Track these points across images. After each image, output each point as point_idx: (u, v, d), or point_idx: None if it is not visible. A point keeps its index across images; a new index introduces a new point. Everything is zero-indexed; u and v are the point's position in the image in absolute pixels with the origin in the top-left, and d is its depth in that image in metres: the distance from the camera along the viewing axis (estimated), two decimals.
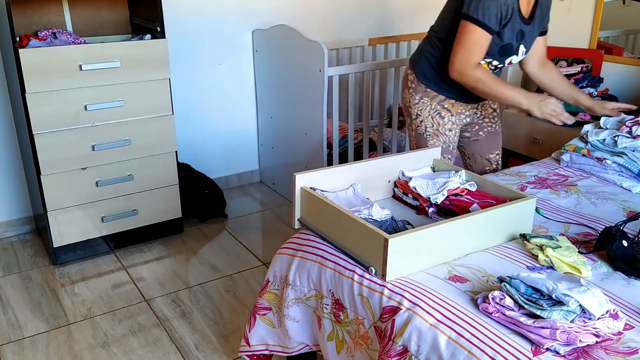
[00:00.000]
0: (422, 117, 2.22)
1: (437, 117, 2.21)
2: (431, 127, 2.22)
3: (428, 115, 2.21)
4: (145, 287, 2.58)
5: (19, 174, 3.01)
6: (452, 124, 2.24)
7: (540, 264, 1.54)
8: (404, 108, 2.30)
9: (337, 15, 3.71)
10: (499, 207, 1.64)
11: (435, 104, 2.20)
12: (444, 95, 2.19)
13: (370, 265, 1.52)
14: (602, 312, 1.24)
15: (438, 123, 2.22)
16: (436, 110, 2.21)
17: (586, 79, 3.05)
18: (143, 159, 2.78)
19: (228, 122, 3.55)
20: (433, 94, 2.19)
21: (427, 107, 2.20)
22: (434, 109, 2.20)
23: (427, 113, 2.21)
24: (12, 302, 2.47)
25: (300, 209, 1.79)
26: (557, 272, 1.45)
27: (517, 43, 2.06)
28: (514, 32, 2.02)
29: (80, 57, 2.47)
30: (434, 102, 2.20)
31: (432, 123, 2.22)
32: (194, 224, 3.19)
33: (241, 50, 3.45)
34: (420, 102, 2.20)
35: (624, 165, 2.17)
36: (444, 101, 2.20)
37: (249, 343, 1.85)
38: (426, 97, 2.19)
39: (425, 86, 2.18)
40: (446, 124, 2.23)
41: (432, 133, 2.23)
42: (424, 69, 2.17)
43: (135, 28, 2.97)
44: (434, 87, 2.18)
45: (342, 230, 1.62)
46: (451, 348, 1.27)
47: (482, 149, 2.40)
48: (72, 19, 2.83)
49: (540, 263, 1.54)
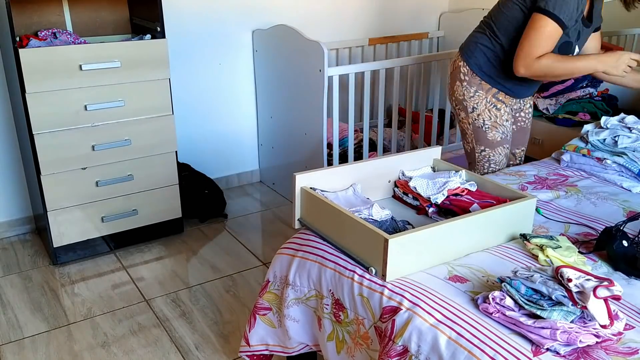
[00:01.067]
0: (479, 110, 2.23)
1: (493, 110, 2.23)
2: (489, 119, 2.24)
3: (485, 108, 2.22)
4: (145, 287, 2.58)
5: (19, 174, 3.01)
6: (507, 114, 2.27)
7: (540, 264, 1.54)
8: (456, 101, 2.29)
9: (337, 15, 3.71)
10: (499, 207, 1.64)
11: (490, 97, 2.21)
12: (498, 88, 2.21)
13: (370, 266, 1.52)
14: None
15: (495, 115, 2.24)
16: (492, 103, 2.22)
17: (586, 78, 3.05)
18: (143, 159, 2.78)
19: (228, 122, 3.55)
20: (488, 87, 2.20)
21: (482, 100, 2.21)
22: (489, 101, 2.22)
23: (483, 106, 2.22)
24: (12, 302, 2.47)
25: (300, 209, 1.79)
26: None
27: (575, 42, 2.10)
28: (576, 31, 2.05)
29: (80, 57, 2.47)
30: (489, 94, 2.21)
31: (489, 115, 2.23)
32: (194, 224, 3.19)
33: (241, 50, 3.45)
34: (475, 95, 2.21)
35: (624, 165, 2.17)
36: (498, 93, 2.22)
37: (249, 343, 1.85)
38: (481, 90, 2.20)
39: (480, 79, 2.19)
40: (503, 115, 2.25)
41: (490, 125, 2.25)
42: (480, 62, 2.17)
43: (135, 28, 2.97)
44: (489, 81, 2.19)
45: (342, 231, 1.62)
46: (451, 348, 1.27)
47: (511, 143, 2.44)
48: (72, 19, 2.83)
49: (540, 263, 1.54)
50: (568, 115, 3.06)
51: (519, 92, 2.27)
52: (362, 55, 3.79)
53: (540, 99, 3.16)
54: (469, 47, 2.22)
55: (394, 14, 3.90)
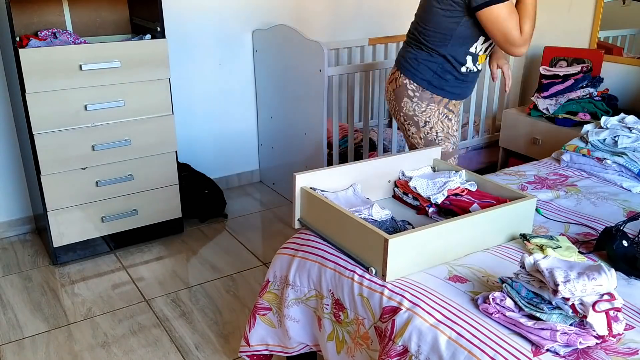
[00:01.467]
0: (432, 123, 2.21)
1: (445, 121, 2.23)
2: (442, 131, 2.23)
3: (437, 121, 2.21)
4: (145, 287, 2.58)
5: (19, 174, 3.01)
6: (456, 123, 2.30)
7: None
8: (404, 117, 2.24)
9: (337, 15, 3.71)
10: (499, 207, 1.64)
11: (442, 108, 2.21)
12: (449, 97, 2.20)
13: (371, 266, 1.52)
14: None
15: (447, 126, 2.24)
16: (444, 114, 2.22)
17: (586, 79, 3.05)
18: (143, 159, 2.78)
19: (228, 122, 3.55)
20: (439, 99, 2.19)
21: (435, 113, 2.20)
22: (441, 113, 2.21)
23: (436, 118, 2.21)
24: (12, 302, 2.46)
25: (300, 209, 1.79)
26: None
27: None
28: None
29: (80, 57, 2.47)
30: (440, 106, 2.20)
31: (442, 127, 2.23)
32: (194, 224, 3.19)
33: (241, 50, 3.45)
34: (427, 109, 2.19)
35: (624, 165, 2.17)
36: (449, 103, 2.22)
37: (249, 343, 1.85)
38: (433, 104, 2.19)
39: (431, 93, 2.18)
40: (454, 125, 2.27)
41: (443, 137, 2.24)
42: (428, 77, 2.16)
43: (135, 28, 2.97)
44: (441, 93, 2.18)
45: (342, 231, 1.62)
46: (451, 348, 1.27)
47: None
48: (72, 19, 2.83)
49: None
50: (568, 115, 3.06)
51: (466, 91, 2.27)
52: (362, 55, 3.79)
53: (540, 99, 3.16)
54: (410, 65, 2.18)
55: (394, 14, 3.90)
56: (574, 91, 3.05)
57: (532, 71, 3.59)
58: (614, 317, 1.25)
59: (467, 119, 3.61)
